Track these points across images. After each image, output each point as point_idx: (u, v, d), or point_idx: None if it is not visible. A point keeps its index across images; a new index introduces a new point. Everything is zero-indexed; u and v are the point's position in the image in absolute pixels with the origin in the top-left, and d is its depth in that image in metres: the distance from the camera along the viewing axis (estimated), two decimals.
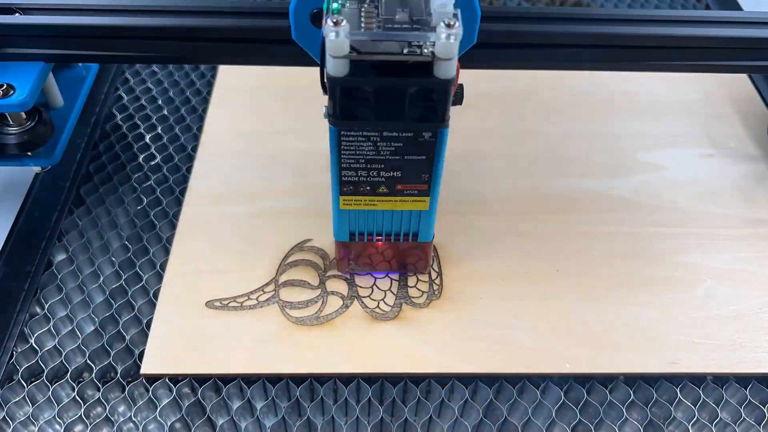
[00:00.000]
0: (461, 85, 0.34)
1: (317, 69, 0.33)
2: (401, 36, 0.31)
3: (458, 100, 0.34)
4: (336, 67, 0.30)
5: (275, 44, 0.40)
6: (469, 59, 0.36)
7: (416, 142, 0.34)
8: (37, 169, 0.45)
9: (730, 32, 0.42)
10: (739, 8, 0.67)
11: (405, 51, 0.31)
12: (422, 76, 0.31)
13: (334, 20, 0.29)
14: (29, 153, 0.43)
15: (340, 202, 0.38)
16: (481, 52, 0.38)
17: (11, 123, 0.41)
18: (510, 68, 0.44)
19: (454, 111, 0.56)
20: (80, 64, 0.49)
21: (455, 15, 0.30)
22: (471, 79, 0.58)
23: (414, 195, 0.37)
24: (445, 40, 0.29)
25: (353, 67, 0.31)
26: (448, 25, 0.29)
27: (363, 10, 0.32)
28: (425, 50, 0.30)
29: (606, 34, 0.41)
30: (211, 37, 0.41)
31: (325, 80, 0.32)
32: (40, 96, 0.43)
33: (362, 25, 0.31)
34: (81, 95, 0.47)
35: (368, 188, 0.37)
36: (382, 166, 0.35)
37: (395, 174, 0.36)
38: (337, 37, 0.29)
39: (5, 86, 0.39)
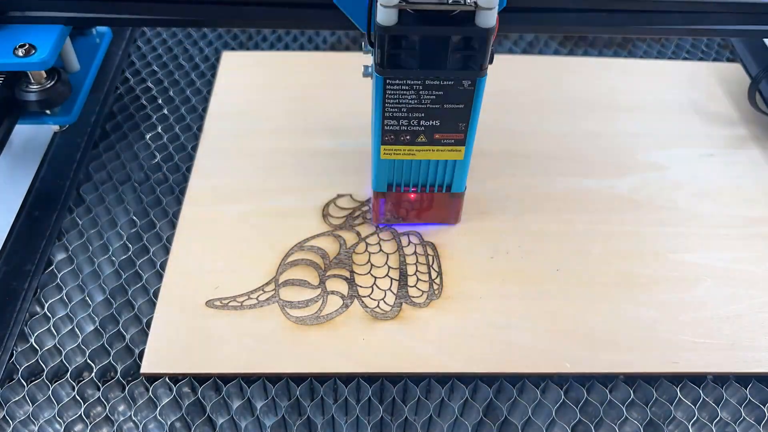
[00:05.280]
0: (494, 46, 0.36)
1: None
2: None
3: (491, 59, 0.36)
4: (386, 15, 0.33)
5: (314, 8, 0.42)
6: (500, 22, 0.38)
7: (456, 90, 0.36)
8: (55, 127, 0.47)
9: None
10: None
11: (450, 1, 0.33)
12: (465, 25, 0.33)
13: None
14: (48, 111, 0.45)
15: (381, 152, 0.40)
16: (511, 15, 0.40)
17: (32, 82, 0.44)
18: (538, 32, 0.46)
19: None
20: (94, 32, 0.51)
21: None
22: None
23: (451, 144, 0.39)
24: None
25: (401, 16, 0.33)
26: None
27: None
28: (468, 0, 0.33)
29: None
30: (250, 0, 0.43)
31: (372, 31, 0.34)
32: (58, 60, 0.46)
33: None
34: (96, 60, 0.50)
35: (408, 137, 0.39)
36: (423, 114, 0.38)
37: (434, 123, 0.38)
38: None
39: (27, 46, 0.41)
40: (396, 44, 0.35)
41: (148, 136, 0.53)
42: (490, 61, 0.36)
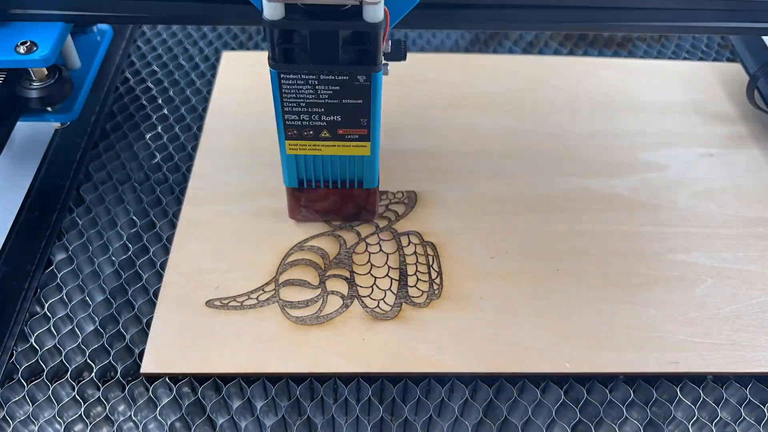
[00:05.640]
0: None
1: None
2: None
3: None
4: (271, 10, 0.33)
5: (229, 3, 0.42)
6: (415, 19, 0.38)
7: (352, 85, 0.36)
8: (56, 125, 0.47)
9: None
10: None
11: None
12: (352, 20, 0.33)
13: None
14: (49, 108, 0.45)
15: (286, 147, 0.40)
16: (426, 12, 0.40)
17: (34, 79, 0.44)
18: (454, 28, 0.46)
19: (454, 110, 0.56)
20: (95, 30, 0.52)
21: None
22: (471, 78, 0.58)
23: (355, 140, 0.39)
24: None
25: (288, 10, 0.33)
26: None
27: None
28: None
29: None
30: None
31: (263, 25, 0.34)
32: (59, 57, 0.46)
33: None
34: (97, 58, 0.50)
35: (311, 132, 0.39)
36: (323, 110, 0.38)
37: (335, 118, 0.38)
38: None
39: (29, 43, 0.41)
40: (286, 39, 0.35)
41: (148, 136, 0.53)
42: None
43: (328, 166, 0.41)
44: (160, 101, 0.56)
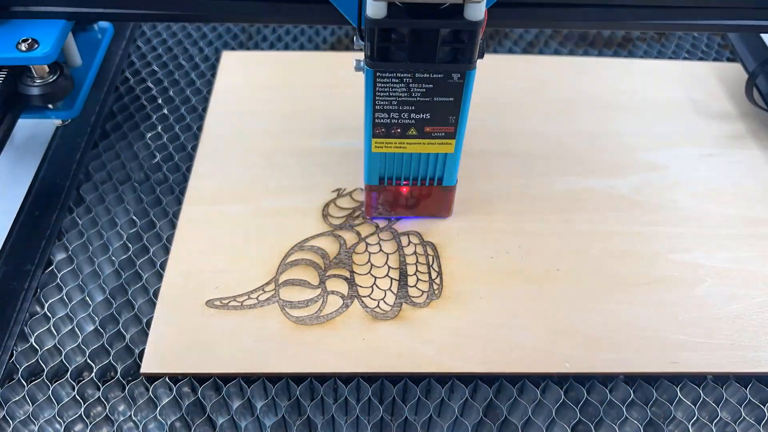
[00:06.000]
0: (483, 41, 0.36)
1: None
2: None
3: (481, 54, 0.37)
4: (375, 9, 0.33)
5: (310, 3, 0.43)
6: (492, 17, 0.39)
7: (445, 83, 0.37)
8: (57, 122, 0.48)
9: None
10: None
11: None
12: (453, 18, 0.34)
13: None
14: (51, 105, 0.46)
15: (372, 145, 0.40)
16: (502, 11, 0.41)
17: (35, 76, 0.44)
18: (530, 27, 0.48)
19: None
20: (96, 28, 0.52)
21: None
22: None
23: (441, 137, 0.40)
24: None
25: (390, 9, 0.33)
26: None
27: None
28: None
29: None
30: None
31: (363, 25, 0.35)
32: (61, 55, 0.46)
33: None
34: (98, 55, 0.50)
35: (399, 130, 0.39)
36: (413, 107, 0.38)
37: (424, 116, 0.38)
38: None
39: (30, 41, 0.42)
40: (385, 37, 0.35)
41: (148, 136, 0.53)
42: (481, 56, 0.36)
43: (411, 163, 0.42)
44: (160, 101, 0.56)
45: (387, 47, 0.35)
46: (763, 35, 0.59)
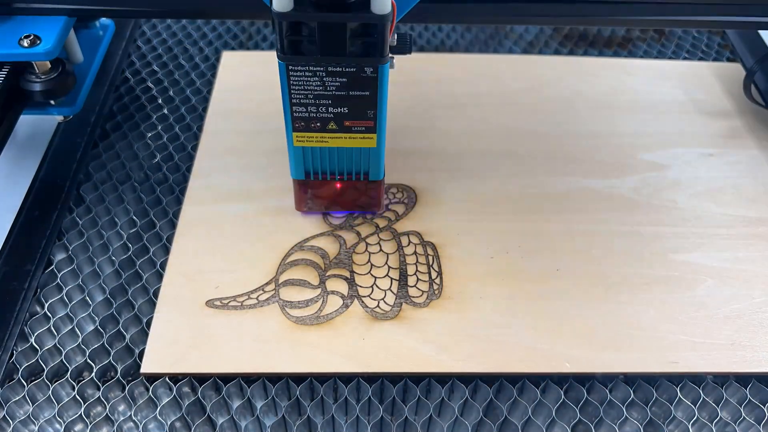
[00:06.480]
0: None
1: None
2: None
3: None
4: (281, 2, 0.33)
5: None
6: (421, 13, 0.39)
7: (359, 77, 0.37)
8: (59, 118, 0.48)
9: None
10: None
11: None
12: (360, 12, 0.33)
13: None
14: (52, 101, 0.46)
15: (293, 139, 0.40)
16: (432, 6, 0.41)
17: (37, 72, 0.44)
18: (458, 23, 0.47)
19: (454, 110, 0.56)
20: (98, 25, 0.52)
21: None
22: (471, 78, 0.58)
23: (362, 131, 0.40)
24: None
25: (296, 2, 0.33)
26: None
27: None
28: None
29: None
30: None
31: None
32: (62, 51, 0.46)
33: None
34: (99, 52, 0.50)
35: (318, 124, 0.39)
36: (330, 101, 0.38)
37: (342, 110, 0.38)
38: None
39: (32, 37, 0.42)
40: (295, 31, 0.35)
41: (148, 136, 0.53)
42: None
43: (335, 157, 0.42)
44: (160, 101, 0.56)
45: (298, 41, 0.35)
46: (761, 32, 0.59)
